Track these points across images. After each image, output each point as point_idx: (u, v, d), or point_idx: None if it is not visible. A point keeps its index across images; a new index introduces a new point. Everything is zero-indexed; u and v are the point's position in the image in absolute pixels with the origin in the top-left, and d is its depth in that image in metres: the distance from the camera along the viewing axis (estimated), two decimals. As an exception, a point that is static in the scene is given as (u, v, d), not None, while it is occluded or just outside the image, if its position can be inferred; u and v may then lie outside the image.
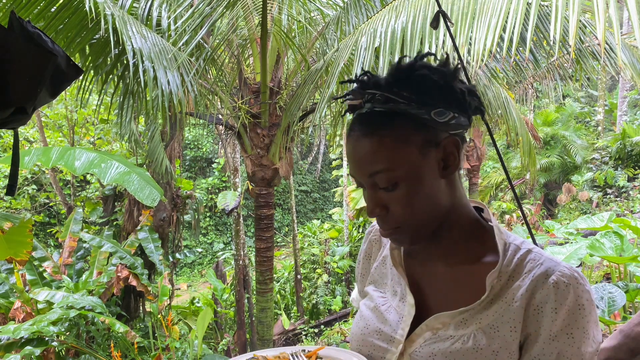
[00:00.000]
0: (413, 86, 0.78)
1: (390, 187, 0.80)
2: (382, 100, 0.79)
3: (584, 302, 0.76)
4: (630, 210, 10.75)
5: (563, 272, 0.77)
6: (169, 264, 6.80)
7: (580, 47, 4.03)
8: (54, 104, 8.49)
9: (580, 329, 0.76)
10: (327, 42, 4.32)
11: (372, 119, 0.80)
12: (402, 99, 0.77)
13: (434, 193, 0.81)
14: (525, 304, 0.78)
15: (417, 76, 0.79)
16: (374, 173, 0.80)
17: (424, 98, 0.78)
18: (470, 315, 0.80)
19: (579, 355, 0.76)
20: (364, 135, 0.80)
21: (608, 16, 1.94)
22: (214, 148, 17.29)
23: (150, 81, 3.21)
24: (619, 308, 3.62)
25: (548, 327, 0.76)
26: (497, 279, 0.80)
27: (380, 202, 0.82)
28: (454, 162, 0.81)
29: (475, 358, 0.78)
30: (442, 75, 0.79)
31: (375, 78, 0.81)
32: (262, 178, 4.80)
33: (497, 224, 0.87)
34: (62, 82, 1.00)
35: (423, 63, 0.81)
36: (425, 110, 0.77)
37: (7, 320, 5.18)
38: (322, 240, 11.93)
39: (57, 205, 12.29)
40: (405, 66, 0.80)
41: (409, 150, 0.78)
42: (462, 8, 2.52)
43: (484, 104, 0.85)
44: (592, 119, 17.84)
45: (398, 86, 0.78)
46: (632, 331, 1.21)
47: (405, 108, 0.77)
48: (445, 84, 0.79)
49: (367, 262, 1.02)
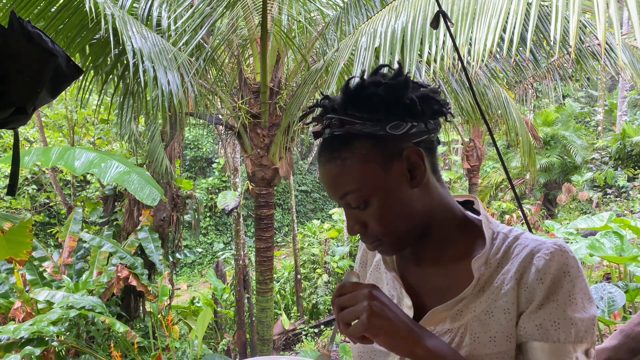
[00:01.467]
0: (364, 105, 0.80)
1: (362, 206, 0.82)
2: (338, 124, 0.81)
3: (568, 270, 0.76)
4: (630, 210, 10.76)
5: (547, 247, 0.78)
6: (169, 264, 6.80)
7: (580, 47, 4.03)
8: (54, 104, 8.49)
9: (565, 293, 0.75)
10: (327, 42, 4.32)
11: (332, 144, 0.82)
12: (357, 119, 0.80)
13: (407, 203, 0.82)
14: (516, 285, 0.78)
15: (365, 95, 0.80)
16: (344, 195, 0.82)
17: (375, 115, 0.79)
18: (464, 305, 0.81)
19: (567, 319, 0.75)
20: (327, 160, 0.82)
21: (608, 16, 1.94)
22: (214, 148, 17.29)
23: (150, 81, 3.21)
24: (619, 308, 3.62)
25: (537, 300, 0.77)
26: (485, 265, 0.82)
27: (357, 220, 0.84)
28: (420, 170, 0.82)
29: (474, 348, 0.78)
30: (389, 89, 0.80)
31: (331, 102, 0.83)
32: (262, 178, 4.80)
33: (486, 214, 0.88)
34: (62, 82, 1.01)
35: (372, 79, 0.82)
36: (380, 127, 0.79)
37: (7, 320, 5.18)
38: (322, 240, 11.93)
39: (57, 205, 12.29)
40: (355, 86, 0.82)
41: (371, 168, 0.80)
42: (462, 8, 2.52)
43: (446, 105, 0.85)
44: (592, 119, 17.84)
45: (351, 108, 0.80)
46: (632, 331, 1.21)
47: (360, 128, 0.79)
48: (394, 97, 0.80)
49: (362, 269, 1.03)
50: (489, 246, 0.83)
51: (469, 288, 0.81)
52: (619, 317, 4.28)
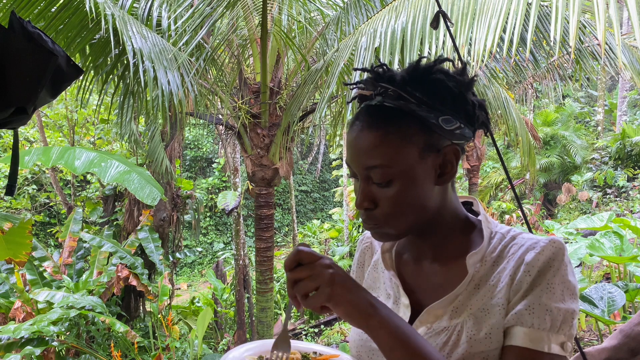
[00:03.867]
0: (426, 88, 0.79)
1: (383, 183, 0.80)
2: (393, 96, 0.79)
3: (554, 263, 0.77)
4: (630, 210, 10.75)
5: (541, 243, 0.79)
6: (169, 263, 6.81)
7: (580, 47, 4.03)
8: (54, 104, 8.49)
9: (544, 282, 0.76)
10: (327, 42, 4.32)
11: (380, 113, 0.80)
12: (414, 98, 0.78)
13: (424, 197, 0.82)
14: (510, 282, 0.79)
15: (432, 79, 0.79)
16: (371, 167, 0.80)
17: (434, 102, 0.78)
18: (460, 302, 0.81)
19: (542, 305, 0.75)
20: (369, 127, 0.80)
21: (608, 16, 1.94)
22: (214, 148, 17.29)
23: (151, 81, 3.21)
24: (618, 308, 3.62)
25: (522, 290, 0.77)
26: (480, 263, 0.82)
27: (370, 196, 0.82)
28: (450, 170, 0.82)
29: (471, 346, 0.78)
30: (457, 83, 0.80)
31: (390, 72, 0.81)
32: (262, 178, 4.80)
33: (485, 214, 0.88)
34: (62, 82, 1.01)
35: (441, 68, 0.81)
36: (434, 115, 0.78)
37: (7, 320, 5.18)
38: (322, 240, 11.93)
39: (57, 205, 12.29)
40: (423, 67, 0.80)
41: (410, 151, 0.79)
42: (462, 8, 2.52)
43: (490, 120, 0.85)
44: (592, 119, 17.84)
45: (412, 85, 0.79)
46: (632, 331, 1.21)
47: (415, 109, 0.78)
48: (459, 92, 0.80)
49: (360, 270, 1.03)
50: (485, 244, 0.83)
51: (463, 283, 0.81)
52: (619, 317, 4.28)
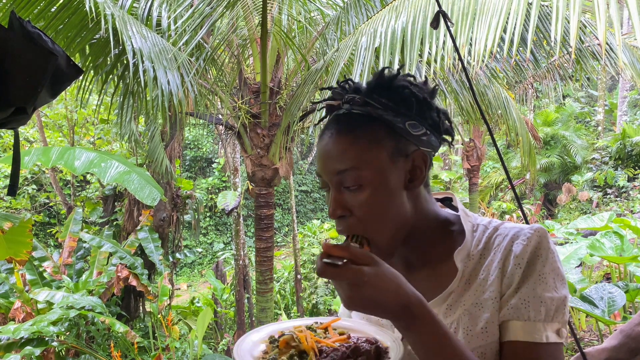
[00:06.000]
0: (392, 95, 0.82)
1: (355, 187, 0.80)
2: (360, 103, 0.82)
3: (540, 251, 0.79)
4: (630, 210, 10.75)
5: (525, 232, 0.81)
6: (169, 264, 6.81)
7: (580, 47, 4.03)
8: (54, 104, 8.49)
9: (536, 273, 0.78)
10: (327, 42, 4.32)
11: (348, 120, 0.83)
12: (380, 104, 0.81)
13: (396, 202, 0.82)
14: (500, 275, 0.80)
15: (397, 86, 0.83)
16: (342, 170, 0.81)
17: (400, 108, 0.82)
18: (453, 300, 0.82)
19: (537, 297, 0.77)
20: (338, 133, 0.82)
21: (608, 16, 1.94)
22: (214, 148, 17.29)
23: (150, 81, 3.21)
24: (619, 308, 3.62)
25: (514, 283, 0.79)
26: (467, 258, 0.83)
27: (342, 203, 0.82)
28: (419, 176, 0.84)
29: (468, 342, 0.79)
30: (420, 89, 0.84)
31: (356, 84, 0.85)
32: (262, 178, 4.80)
33: (464, 209, 0.90)
34: (62, 82, 1.01)
35: (405, 76, 0.85)
36: (401, 119, 0.81)
37: (7, 320, 5.18)
38: (322, 240, 11.93)
39: (57, 205, 12.29)
40: (388, 76, 0.84)
41: (380, 154, 0.80)
42: (463, 8, 2.52)
43: (454, 131, 0.89)
44: (592, 119, 17.84)
45: (378, 92, 0.83)
46: (632, 331, 1.21)
47: (382, 113, 0.81)
48: (423, 98, 0.84)
49: None
50: (469, 238, 0.84)
51: (454, 281, 0.82)
52: (619, 317, 4.28)
